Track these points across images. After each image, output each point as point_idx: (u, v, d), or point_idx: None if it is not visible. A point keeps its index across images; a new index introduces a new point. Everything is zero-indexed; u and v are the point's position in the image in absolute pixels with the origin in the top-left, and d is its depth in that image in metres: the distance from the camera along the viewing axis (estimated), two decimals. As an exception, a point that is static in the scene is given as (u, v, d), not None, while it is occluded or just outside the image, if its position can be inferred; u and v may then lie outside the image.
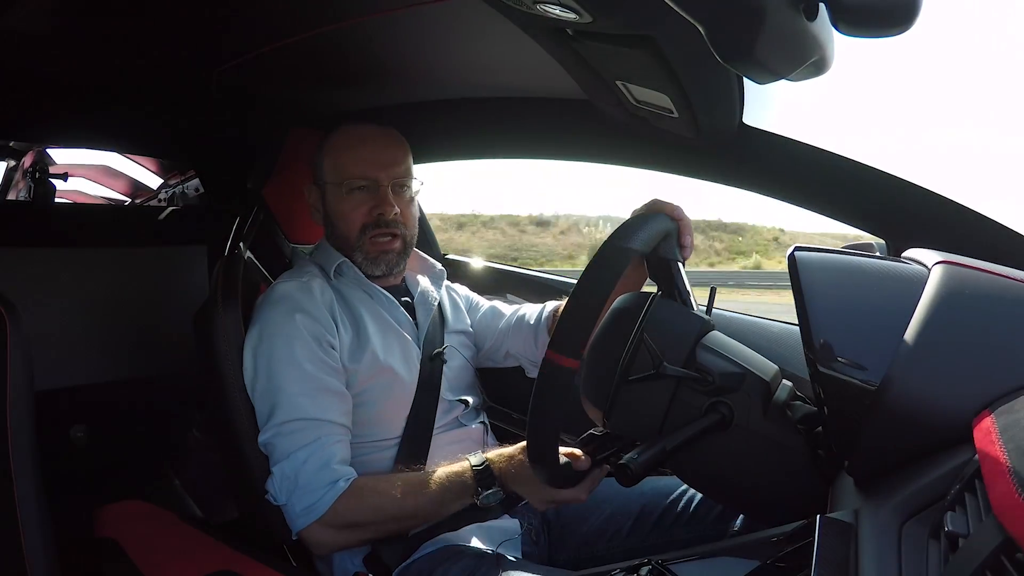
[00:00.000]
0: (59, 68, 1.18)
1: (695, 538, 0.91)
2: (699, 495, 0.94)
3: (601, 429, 0.80)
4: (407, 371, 1.00)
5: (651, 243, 0.76)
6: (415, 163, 1.08)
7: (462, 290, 1.23)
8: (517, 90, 1.22)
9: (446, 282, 1.20)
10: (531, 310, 1.17)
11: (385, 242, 1.03)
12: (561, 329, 0.67)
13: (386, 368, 0.98)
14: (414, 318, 1.07)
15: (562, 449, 0.79)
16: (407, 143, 1.07)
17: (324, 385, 0.92)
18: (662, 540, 0.93)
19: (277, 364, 0.92)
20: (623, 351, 0.72)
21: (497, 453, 0.89)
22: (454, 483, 0.88)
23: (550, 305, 1.15)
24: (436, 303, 1.11)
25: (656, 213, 0.80)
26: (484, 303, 1.23)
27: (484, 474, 0.87)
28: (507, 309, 1.20)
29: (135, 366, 1.48)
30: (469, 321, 1.18)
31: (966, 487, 0.43)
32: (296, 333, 0.93)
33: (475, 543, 0.91)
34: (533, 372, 1.17)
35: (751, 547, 0.65)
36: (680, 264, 0.81)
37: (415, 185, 1.07)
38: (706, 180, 1.09)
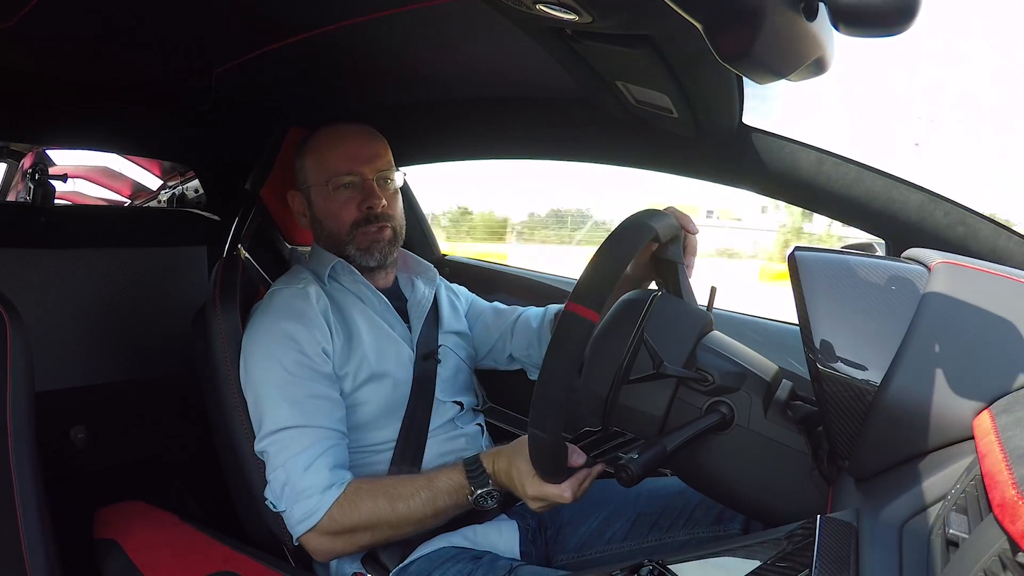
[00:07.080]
0: (58, 68, 1.18)
1: (692, 541, 0.91)
2: (696, 498, 0.94)
3: (597, 428, 0.80)
4: (400, 374, 1.00)
5: (667, 233, 0.78)
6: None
7: (463, 292, 1.23)
8: (516, 90, 1.22)
9: (446, 282, 1.20)
10: (533, 313, 1.17)
11: (374, 231, 1.03)
12: (582, 284, 0.66)
13: (378, 372, 0.98)
14: (407, 320, 1.07)
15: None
16: (384, 137, 1.08)
17: (314, 392, 0.91)
18: (659, 543, 0.93)
19: (267, 372, 0.91)
20: (623, 350, 0.72)
21: (493, 450, 0.88)
22: (448, 483, 0.87)
23: (552, 308, 1.15)
24: (429, 304, 1.11)
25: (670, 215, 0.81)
26: (485, 305, 1.22)
27: (476, 471, 0.86)
28: (509, 311, 1.20)
29: (135, 367, 1.48)
30: (467, 324, 1.18)
31: (966, 487, 0.43)
32: (286, 341, 0.92)
33: (472, 544, 0.91)
34: (535, 375, 1.17)
35: (752, 547, 0.65)
36: (684, 267, 0.85)
37: (398, 178, 1.08)
38: (706, 180, 1.09)
